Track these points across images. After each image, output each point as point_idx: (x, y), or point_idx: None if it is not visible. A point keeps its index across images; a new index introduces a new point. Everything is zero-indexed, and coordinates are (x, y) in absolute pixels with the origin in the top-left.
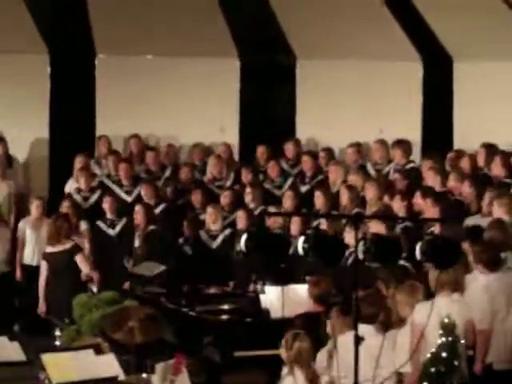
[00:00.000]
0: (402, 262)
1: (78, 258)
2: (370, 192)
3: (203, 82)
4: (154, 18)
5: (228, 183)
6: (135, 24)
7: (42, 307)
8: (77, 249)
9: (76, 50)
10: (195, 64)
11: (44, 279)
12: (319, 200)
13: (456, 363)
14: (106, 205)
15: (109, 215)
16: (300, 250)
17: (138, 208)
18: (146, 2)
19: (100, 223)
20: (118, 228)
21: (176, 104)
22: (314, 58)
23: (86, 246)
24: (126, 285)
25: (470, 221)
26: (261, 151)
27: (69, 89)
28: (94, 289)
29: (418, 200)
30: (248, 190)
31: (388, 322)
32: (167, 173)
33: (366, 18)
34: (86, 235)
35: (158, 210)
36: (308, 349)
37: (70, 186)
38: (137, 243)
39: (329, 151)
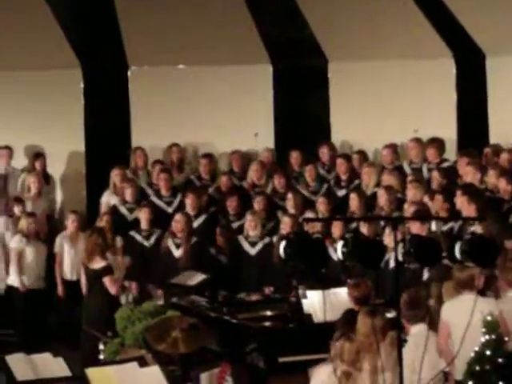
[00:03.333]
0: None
1: (106, 281)
2: (412, 194)
3: (236, 89)
4: (184, 28)
5: (268, 189)
6: (166, 34)
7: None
8: (106, 271)
9: (108, 62)
10: (227, 71)
11: (85, 286)
12: (354, 202)
13: (500, 361)
14: (144, 215)
15: (144, 226)
16: (339, 255)
17: (178, 217)
18: (175, 11)
19: (135, 234)
20: (152, 239)
21: (210, 112)
22: (346, 59)
23: (120, 261)
24: (159, 293)
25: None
26: (294, 156)
27: (103, 102)
28: (123, 300)
29: (459, 198)
30: (289, 195)
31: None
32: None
33: (395, 18)
34: (121, 252)
35: (198, 222)
36: (350, 349)
37: (106, 199)
38: (177, 253)
39: (362, 154)
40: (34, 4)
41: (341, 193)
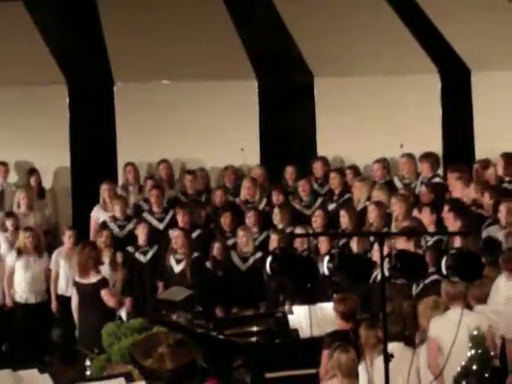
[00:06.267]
0: (434, 277)
1: (103, 293)
2: (397, 208)
3: (222, 104)
4: (169, 44)
5: (261, 206)
6: (151, 50)
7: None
8: (102, 284)
9: (94, 78)
10: (213, 87)
11: (76, 304)
12: (344, 219)
13: (487, 375)
14: (143, 230)
15: (142, 242)
16: (325, 270)
17: (177, 233)
18: (161, 27)
19: (132, 250)
20: (149, 255)
21: (196, 128)
22: (332, 75)
23: (119, 275)
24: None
25: (487, 233)
26: (290, 171)
27: (88, 118)
28: (123, 315)
29: (445, 214)
30: (276, 210)
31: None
32: (203, 197)
33: (381, 34)
34: (121, 267)
35: (193, 236)
36: (348, 360)
37: (96, 214)
38: (177, 269)
39: (355, 169)
40: (19, 20)
41: (331, 206)
